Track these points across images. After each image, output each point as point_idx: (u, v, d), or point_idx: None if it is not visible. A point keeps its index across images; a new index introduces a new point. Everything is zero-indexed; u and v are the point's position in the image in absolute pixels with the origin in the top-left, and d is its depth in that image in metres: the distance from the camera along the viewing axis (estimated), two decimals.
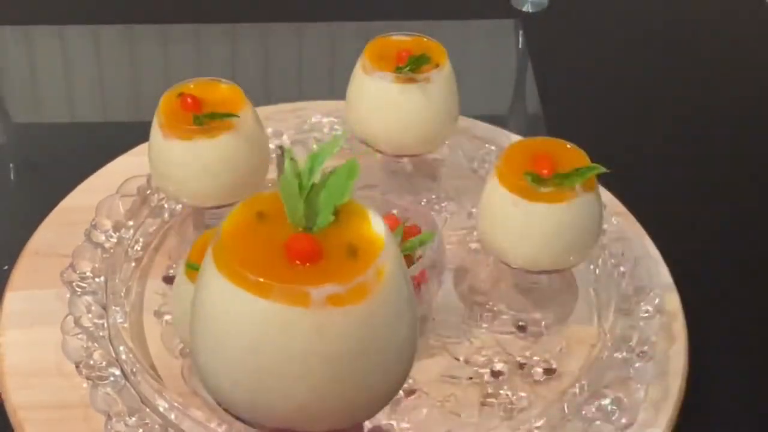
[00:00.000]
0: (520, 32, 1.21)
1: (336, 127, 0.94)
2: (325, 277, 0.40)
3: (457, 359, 0.74)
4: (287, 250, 0.40)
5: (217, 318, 0.41)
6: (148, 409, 0.67)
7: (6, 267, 0.81)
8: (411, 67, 0.81)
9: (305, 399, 0.40)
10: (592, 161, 0.72)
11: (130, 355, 0.70)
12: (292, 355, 0.40)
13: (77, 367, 0.69)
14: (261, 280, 0.39)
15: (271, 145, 0.89)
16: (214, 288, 0.41)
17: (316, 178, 0.42)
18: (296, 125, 0.94)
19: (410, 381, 0.72)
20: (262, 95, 1.06)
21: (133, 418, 0.66)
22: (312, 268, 0.40)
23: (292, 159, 0.42)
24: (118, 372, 0.69)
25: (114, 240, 0.80)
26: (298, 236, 0.41)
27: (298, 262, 0.40)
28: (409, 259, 0.73)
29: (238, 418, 0.42)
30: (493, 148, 0.92)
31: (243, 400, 0.41)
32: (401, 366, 0.44)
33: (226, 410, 0.42)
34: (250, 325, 0.40)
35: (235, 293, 0.40)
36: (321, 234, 0.41)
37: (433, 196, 0.89)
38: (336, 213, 0.42)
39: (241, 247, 0.41)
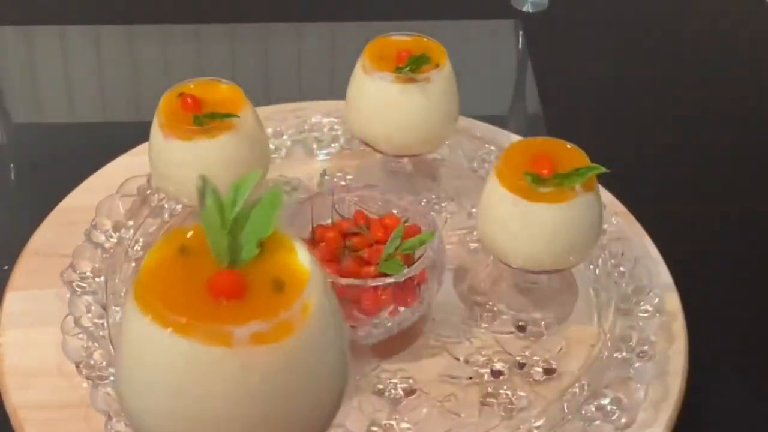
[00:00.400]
0: (520, 32, 1.21)
1: (336, 127, 0.95)
2: (249, 315, 0.38)
3: (457, 359, 0.74)
4: (210, 287, 0.39)
5: (138, 358, 0.39)
6: None
7: (6, 267, 0.81)
8: (411, 67, 0.81)
9: None
10: (592, 161, 0.72)
11: None
12: (217, 396, 0.38)
13: (77, 367, 0.69)
14: (181, 319, 0.38)
15: (271, 146, 0.89)
16: (134, 326, 0.39)
17: (240, 209, 0.41)
18: (296, 125, 0.95)
19: (410, 381, 0.72)
20: (262, 95, 1.06)
21: None
22: (236, 304, 0.39)
23: (213, 190, 0.41)
24: None
25: (114, 240, 0.80)
26: (221, 273, 0.40)
27: (222, 298, 0.39)
28: (409, 259, 0.73)
29: None
30: (493, 148, 0.92)
31: None
32: (332, 398, 0.42)
33: None
34: (172, 366, 0.38)
35: (155, 332, 0.38)
36: (245, 268, 0.40)
37: (433, 196, 0.89)
38: (261, 246, 0.40)
39: (162, 283, 0.39)
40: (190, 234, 0.42)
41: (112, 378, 0.69)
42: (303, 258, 0.41)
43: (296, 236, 0.42)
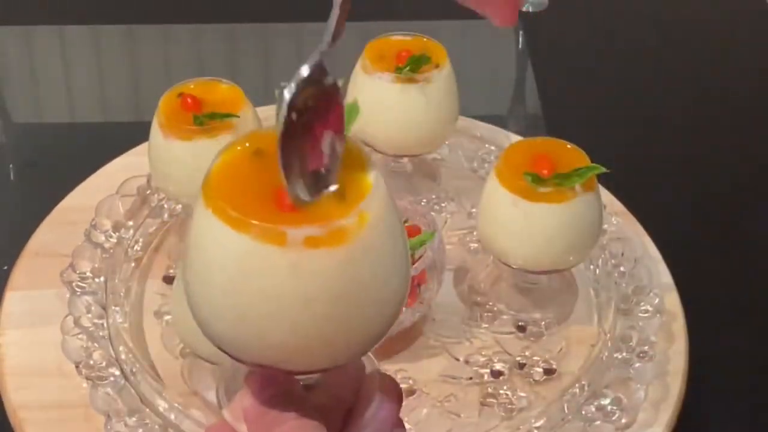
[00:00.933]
0: (520, 32, 1.21)
1: None
2: (305, 219, 0.39)
3: (457, 359, 0.74)
4: (278, 195, 0.40)
5: (202, 250, 0.41)
6: (148, 409, 0.67)
7: (6, 267, 0.81)
8: (411, 67, 0.81)
9: (282, 338, 0.40)
10: (592, 161, 0.72)
11: (130, 356, 0.70)
12: (268, 293, 0.40)
13: (77, 367, 0.69)
14: (240, 215, 0.39)
15: None
16: (200, 220, 0.41)
17: None
18: None
19: (410, 381, 0.72)
20: (262, 95, 1.06)
21: (133, 418, 0.66)
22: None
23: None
24: (117, 372, 0.69)
25: (114, 240, 0.80)
26: None
27: (288, 210, 0.40)
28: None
29: (224, 352, 0.42)
30: (493, 148, 0.92)
31: (225, 335, 0.41)
32: (384, 313, 0.43)
33: (214, 344, 0.42)
34: (229, 260, 0.40)
35: (217, 227, 0.40)
36: None
37: (433, 196, 0.89)
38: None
39: (229, 182, 0.41)
40: (264, 138, 0.43)
41: (111, 378, 0.69)
42: (370, 172, 0.42)
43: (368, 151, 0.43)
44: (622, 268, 0.79)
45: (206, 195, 0.41)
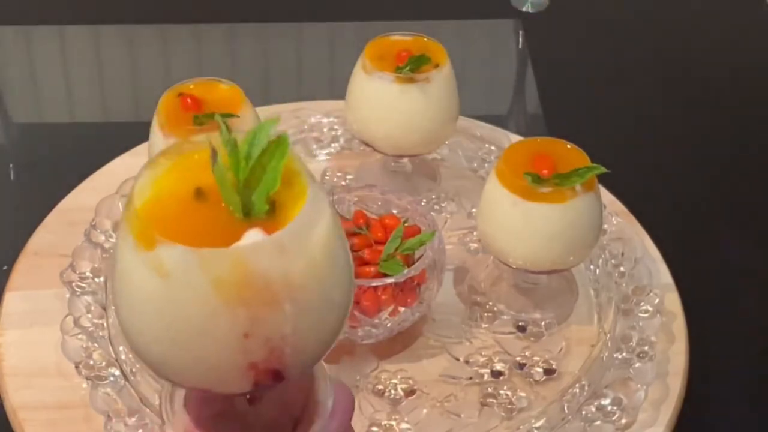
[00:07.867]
0: (520, 32, 1.21)
1: (336, 127, 0.94)
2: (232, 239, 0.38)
3: (457, 359, 0.74)
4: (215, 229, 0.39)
5: (127, 278, 0.40)
6: (148, 410, 0.67)
7: (6, 267, 0.81)
8: (411, 67, 0.81)
9: (217, 361, 0.39)
10: (592, 161, 0.72)
11: (130, 356, 0.70)
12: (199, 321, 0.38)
13: (77, 367, 0.69)
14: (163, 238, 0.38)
15: None
16: (124, 248, 0.40)
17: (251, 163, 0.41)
18: (296, 125, 0.94)
19: (410, 381, 0.72)
20: (262, 95, 1.06)
21: (133, 418, 0.66)
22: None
23: (233, 147, 0.41)
24: (117, 372, 0.69)
25: (114, 240, 0.80)
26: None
27: None
28: (409, 259, 0.73)
29: (161, 377, 0.41)
30: (493, 148, 0.92)
31: (157, 360, 0.40)
32: (329, 321, 0.41)
33: (150, 369, 0.41)
34: (154, 292, 0.38)
35: (140, 258, 0.39)
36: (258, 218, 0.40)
37: (433, 196, 0.89)
38: (270, 200, 0.40)
39: (165, 213, 0.40)
40: (202, 169, 0.41)
41: (111, 378, 0.69)
42: (308, 182, 0.41)
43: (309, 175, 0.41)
44: (622, 268, 0.79)
45: (133, 225, 0.40)
